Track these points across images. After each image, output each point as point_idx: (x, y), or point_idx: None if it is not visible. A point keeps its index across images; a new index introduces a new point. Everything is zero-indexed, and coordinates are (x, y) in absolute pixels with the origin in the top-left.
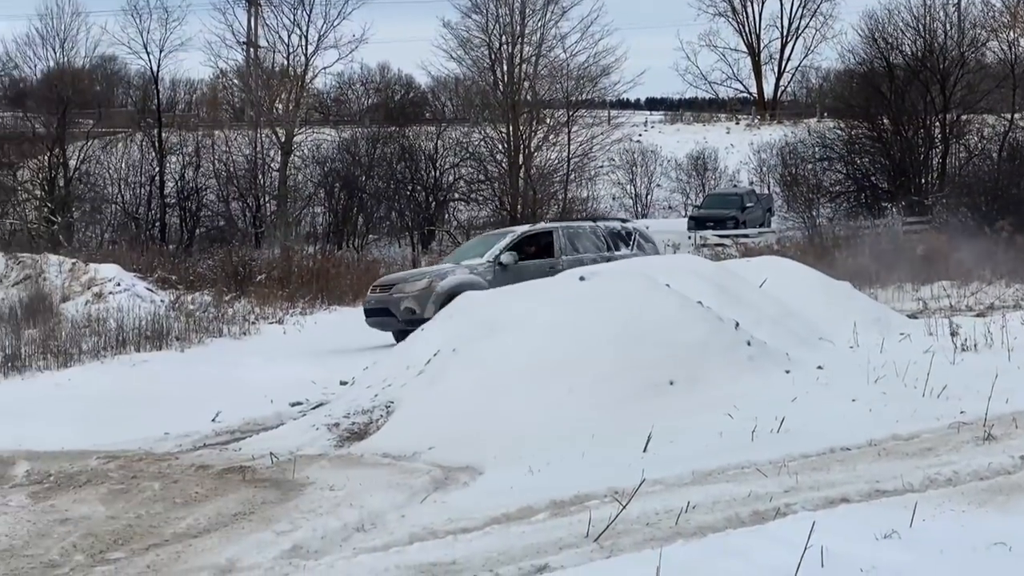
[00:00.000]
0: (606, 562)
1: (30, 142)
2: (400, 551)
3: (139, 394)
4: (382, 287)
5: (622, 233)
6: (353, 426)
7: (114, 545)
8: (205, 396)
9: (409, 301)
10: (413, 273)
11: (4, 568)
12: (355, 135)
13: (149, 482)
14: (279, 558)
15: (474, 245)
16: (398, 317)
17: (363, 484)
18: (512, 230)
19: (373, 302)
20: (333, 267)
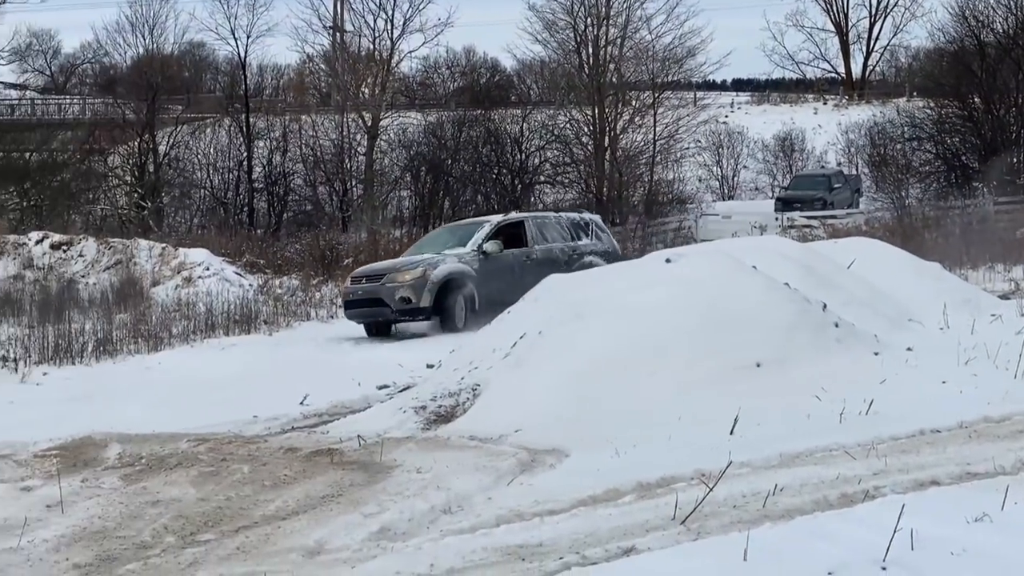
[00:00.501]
0: (693, 544)
1: (120, 128)
2: (487, 533)
3: (228, 377)
4: (368, 277)
5: (581, 224)
6: (440, 409)
7: (204, 527)
8: (293, 379)
9: (405, 290)
10: (398, 263)
11: (97, 549)
12: (441, 118)
13: (239, 464)
14: (367, 540)
15: (438, 236)
16: (392, 307)
17: (450, 466)
18: (486, 220)
19: (360, 293)
20: None
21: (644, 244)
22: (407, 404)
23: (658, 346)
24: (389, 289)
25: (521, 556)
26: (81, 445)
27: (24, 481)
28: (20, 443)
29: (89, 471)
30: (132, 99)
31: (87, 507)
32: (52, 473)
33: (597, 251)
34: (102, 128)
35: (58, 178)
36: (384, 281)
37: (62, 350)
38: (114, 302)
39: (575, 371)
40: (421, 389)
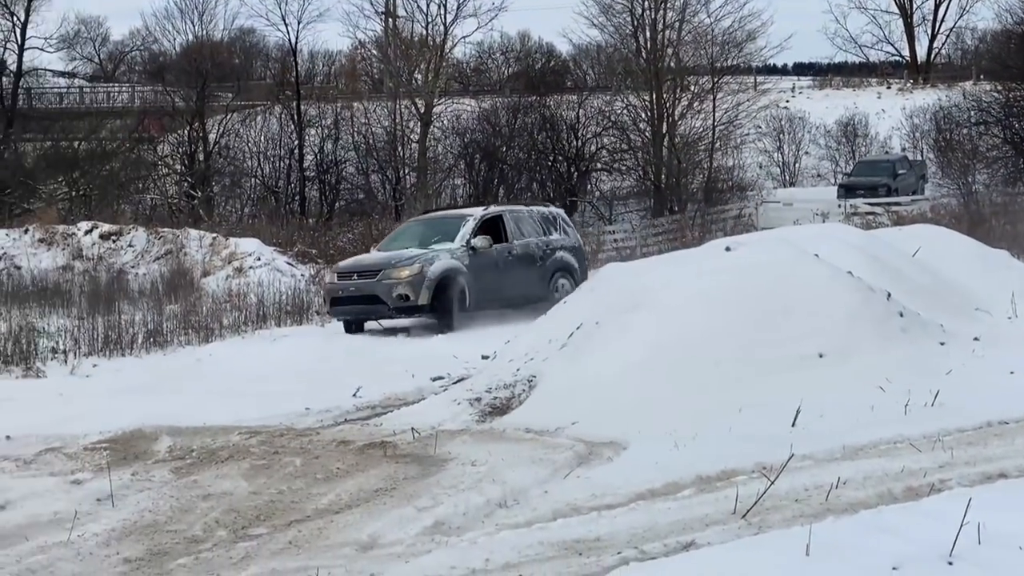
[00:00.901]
0: (754, 539)
1: (170, 116)
2: (543, 527)
3: (280, 369)
4: (360, 273)
5: (550, 218)
6: (495, 400)
7: (256, 521)
8: (346, 371)
9: (403, 287)
10: (391, 258)
11: (148, 543)
12: (495, 105)
13: (291, 458)
14: (421, 534)
15: (413, 230)
16: (389, 304)
17: (505, 459)
18: (466, 213)
19: (352, 290)
20: None
21: (703, 232)
22: (461, 396)
23: (718, 336)
24: (386, 286)
25: (578, 551)
26: (131, 438)
27: (74, 474)
28: (70, 436)
29: (139, 464)
30: (182, 87)
31: (137, 500)
32: (102, 466)
33: (567, 246)
34: (151, 116)
35: (107, 167)
36: (380, 277)
37: (112, 341)
38: (164, 293)
39: (633, 362)
40: (476, 380)
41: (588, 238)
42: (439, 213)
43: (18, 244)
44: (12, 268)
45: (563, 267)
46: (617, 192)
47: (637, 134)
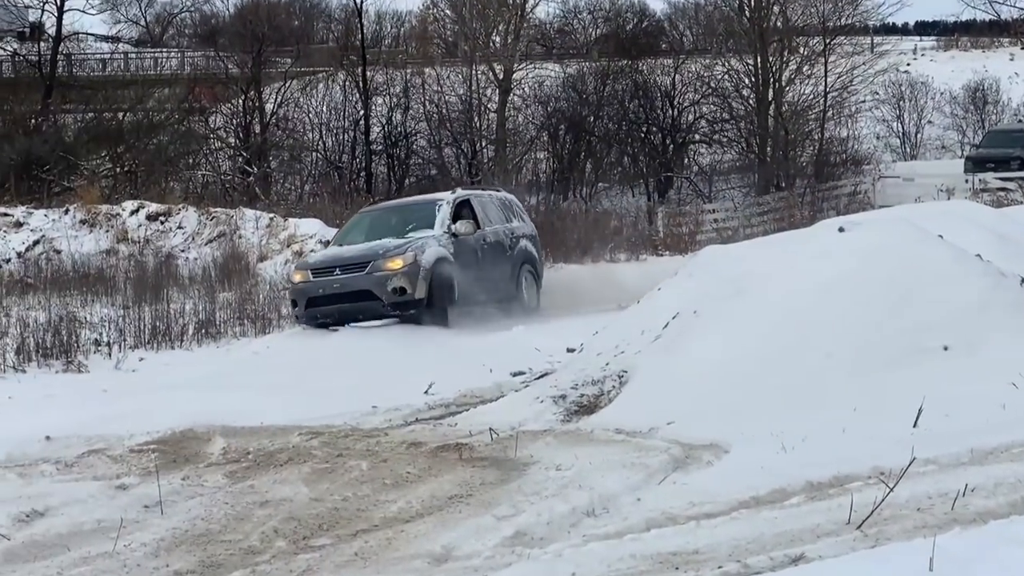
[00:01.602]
0: (871, 552)
1: (223, 84)
2: (636, 538)
3: (344, 364)
4: (343, 267)
5: (507, 203)
6: (582, 398)
7: (319, 530)
8: (417, 365)
9: (398, 279)
10: (373, 248)
11: (200, 555)
12: (582, 70)
13: (356, 461)
14: (500, 545)
15: (374, 219)
16: (384, 300)
17: (593, 463)
18: (435, 198)
19: (337, 287)
20: (558, 219)
21: (814, 211)
22: (545, 393)
23: (831, 326)
24: (379, 279)
25: (674, 564)
26: (182, 439)
27: (120, 479)
28: (115, 436)
29: (191, 468)
30: (235, 52)
31: (189, 508)
32: (150, 470)
33: (527, 235)
34: (202, 84)
35: (154, 141)
36: (370, 270)
37: (160, 333)
38: (217, 279)
39: (735, 355)
40: (560, 376)
41: (685, 217)
42: (399, 201)
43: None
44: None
45: (527, 258)
46: (717, 167)
47: (740, 102)
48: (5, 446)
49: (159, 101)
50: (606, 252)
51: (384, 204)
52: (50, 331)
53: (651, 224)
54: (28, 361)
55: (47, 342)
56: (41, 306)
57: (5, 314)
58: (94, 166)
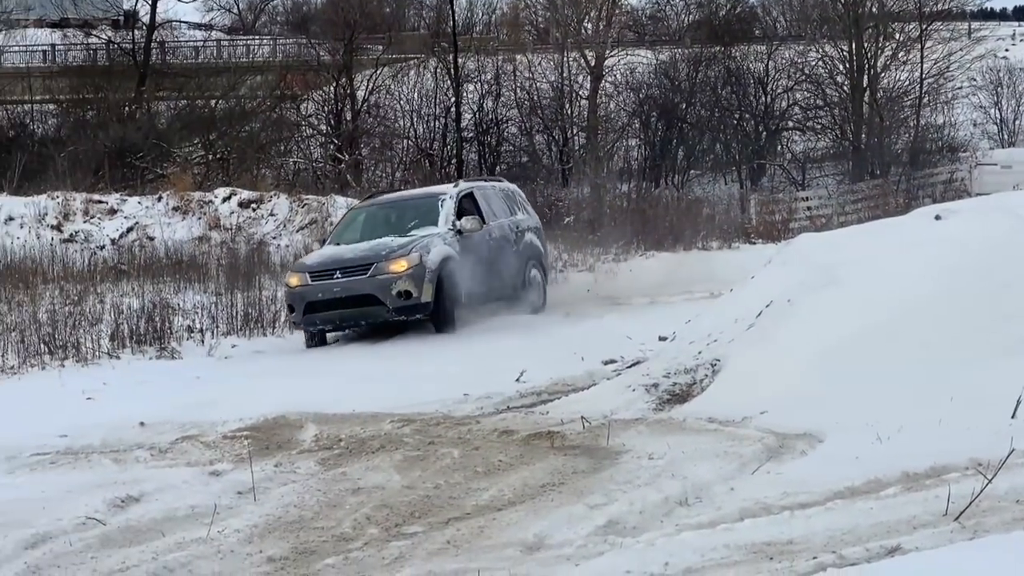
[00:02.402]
0: (969, 544)
1: (314, 72)
2: (729, 528)
3: (435, 351)
4: (344, 270)
5: (510, 194)
6: (674, 387)
7: (410, 518)
8: (507, 353)
9: (404, 282)
10: (375, 248)
11: (293, 541)
12: (674, 57)
13: (448, 449)
14: (592, 534)
15: (370, 218)
16: (388, 304)
17: (686, 452)
18: (439, 192)
19: (338, 291)
20: (650, 207)
21: (909, 199)
22: (637, 381)
23: (927, 316)
24: (382, 282)
25: (768, 555)
26: (274, 426)
27: (213, 465)
28: (208, 423)
29: (283, 454)
30: (327, 39)
31: (281, 494)
32: (243, 456)
33: (532, 227)
34: (294, 72)
35: (246, 128)
36: (373, 272)
37: (252, 320)
38: None
39: (829, 344)
40: (653, 364)
41: (778, 205)
42: (398, 195)
43: (151, 213)
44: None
45: (534, 253)
46: (811, 154)
47: (834, 88)
48: (100, 432)
49: (251, 88)
50: (698, 240)
51: (382, 198)
52: (143, 318)
53: (743, 212)
54: (122, 347)
55: (141, 329)
56: (134, 293)
57: (99, 301)
58: (187, 153)
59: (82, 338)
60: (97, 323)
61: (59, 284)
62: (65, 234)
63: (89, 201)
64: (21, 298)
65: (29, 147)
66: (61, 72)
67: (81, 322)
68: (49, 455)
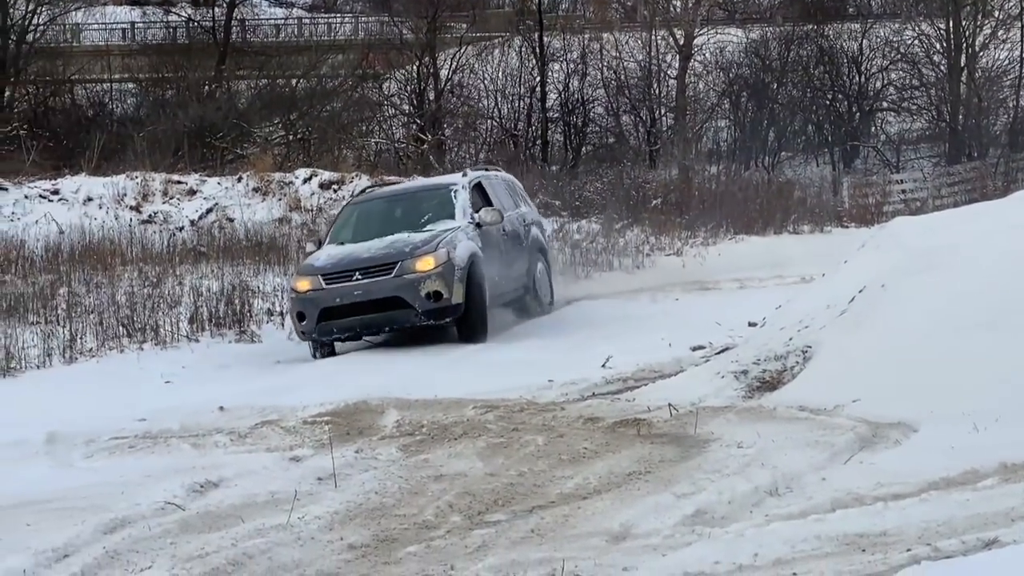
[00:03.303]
0: None
1: (397, 50)
2: (820, 519)
3: (517, 336)
4: (365, 270)
5: (511, 185)
6: (764, 374)
7: (494, 506)
8: (593, 338)
9: (433, 282)
10: (396, 244)
11: (375, 528)
12: (765, 35)
13: (532, 436)
14: (680, 524)
15: (374, 212)
16: (416, 307)
17: (776, 441)
18: (449, 182)
19: (359, 294)
20: (740, 190)
21: (1008, 182)
22: (726, 368)
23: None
24: (410, 283)
25: (861, 546)
26: (355, 411)
27: (293, 450)
28: (288, 408)
29: (364, 440)
30: (410, 17)
31: (362, 481)
32: (323, 442)
33: (535, 220)
34: (376, 51)
35: (327, 108)
36: (398, 271)
37: None
38: None
39: (924, 331)
40: (742, 351)
41: (872, 188)
42: (401, 187)
43: (231, 194)
44: (224, 220)
45: (540, 247)
46: (906, 135)
47: (930, 68)
48: (179, 416)
49: (332, 67)
50: (789, 223)
51: (384, 191)
52: (223, 300)
53: (836, 195)
54: (201, 331)
55: (220, 312)
56: (214, 275)
57: (178, 283)
58: (267, 133)
59: (161, 321)
60: (176, 306)
61: (138, 266)
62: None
63: (168, 182)
64: (100, 280)
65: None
66: (140, 50)
67: (160, 304)
68: (127, 439)
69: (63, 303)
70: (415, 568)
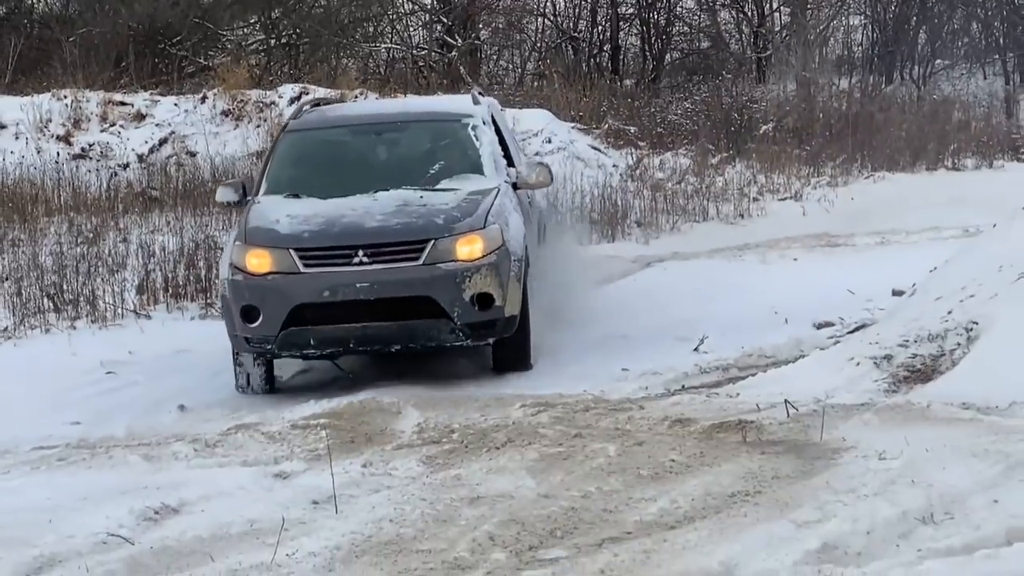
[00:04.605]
0: None
1: None
2: (991, 555)
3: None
4: (375, 250)
5: (504, 116)
6: (914, 360)
7: (550, 538)
8: (682, 311)
9: (484, 278)
10: (418, 211)
11: (389, 568)
12: None
13: (600, 444)
14: (801, 563)
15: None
16: (454, 317)
17: (931, 450)
18: (461, 112)
19: (366, 287)
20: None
21: None
22: (862, 352)
23: None
24: (449, 276)
25: None
26: (362, 410)
27: (279, 464)
28: (271, 407)
29: (374, 450)
30: None
31: (372, 504)
32: (319, 453)
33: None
34: None
35: (321, 3)
36: (429, 257)
37: None
38: None
39: None
40: (884, 329)
41: None
42: (374, 109)
43: (191, 118)
44: (184, 155)
45: (542, 212)
46: None
47: None
48: (125, 418)
49: None
50: (947, 156)
51: (349, 113)
52: (182, 263)
53: (1009, 117)
54: (154, 303)
55: (178, 278)
56: (171, 228)
57: (123, 239)
58: (240, 37)
59: (100, 290)
60: (119, 270)
61: (68, 216)
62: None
63: (108, 103)
64: (16, 236)
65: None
66: None
67: (98, 268)
68: (57, 449)
69: None
70: None
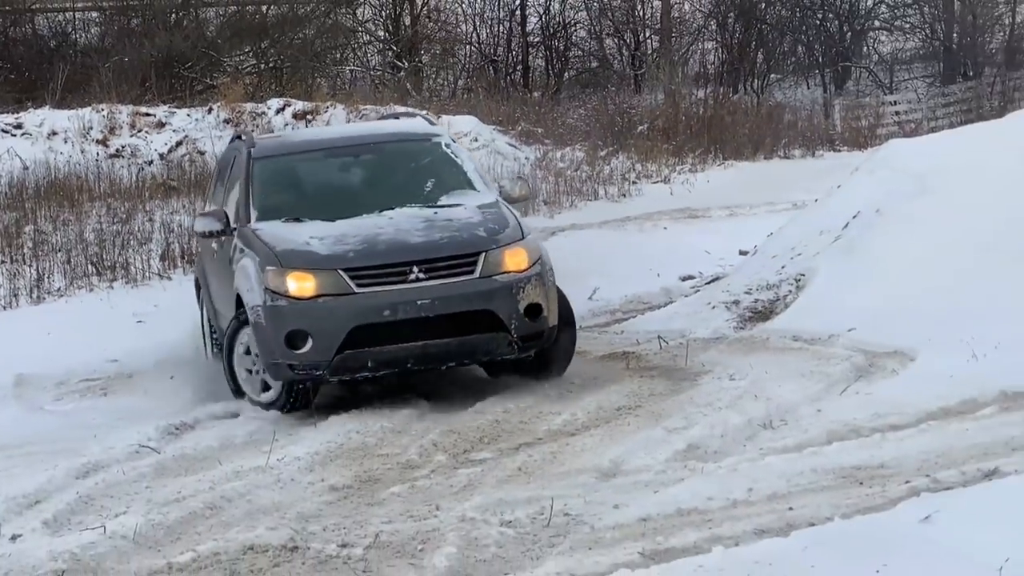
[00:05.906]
0: None
1: None
2: (816, 452)
3: None
4: (429, 265)
5: None
6: (756, 304)
7: (479, 444)
8: (578, 269)
9: (533, 289)
10: (458, 224)
11: (356, 468)
12: None
13: None
14: (671, 460)
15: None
16: (511, 330)
17: (769, 372)
18: (429, 132)
19: (426, 304)
20: (728, 114)
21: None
22: (716, 298)
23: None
24: (505, 289)
25: (858, 479)
26: None
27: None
28: None
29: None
30: None
31: (343, 421)
32: None
33: None
34: None
35: (300, 35)
36: (484, 269)
37: None
38: None
39: (921, 257)
40: (733, 280)
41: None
42: (343, 133)
43: (201, 126)
44: (195, 153)
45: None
46: (899, 55)
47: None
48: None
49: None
50: (779, 148)
51: (308, 136)
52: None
53: (827, 118)
54: (173, 268)
55: (192, 248)
56: (186, 210)
57: (149, 219)
58: (237, 63)
59: (131, 258)
60: (147, 242)
61: (106, 202)
62: (111, 149)
63: (136, 114)
64: (67, 217)
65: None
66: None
67: (130, 241)
68: (99, 381)
69: (29, 241)
70: (399, 509)
